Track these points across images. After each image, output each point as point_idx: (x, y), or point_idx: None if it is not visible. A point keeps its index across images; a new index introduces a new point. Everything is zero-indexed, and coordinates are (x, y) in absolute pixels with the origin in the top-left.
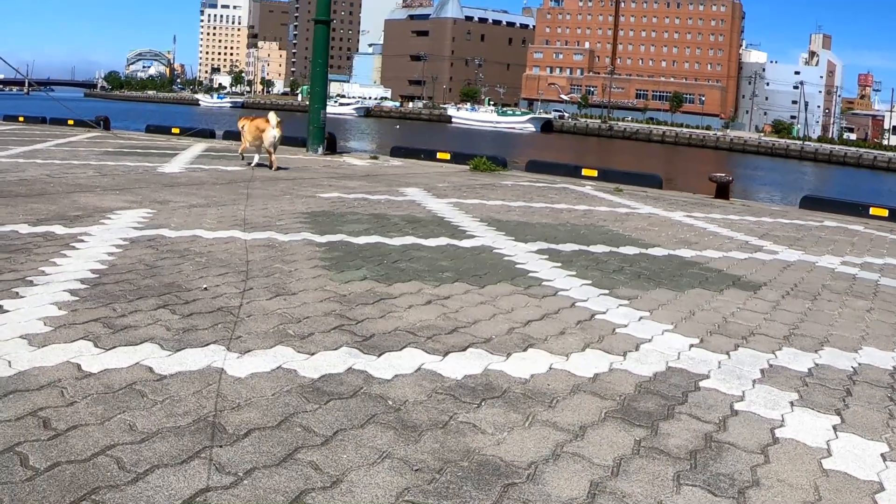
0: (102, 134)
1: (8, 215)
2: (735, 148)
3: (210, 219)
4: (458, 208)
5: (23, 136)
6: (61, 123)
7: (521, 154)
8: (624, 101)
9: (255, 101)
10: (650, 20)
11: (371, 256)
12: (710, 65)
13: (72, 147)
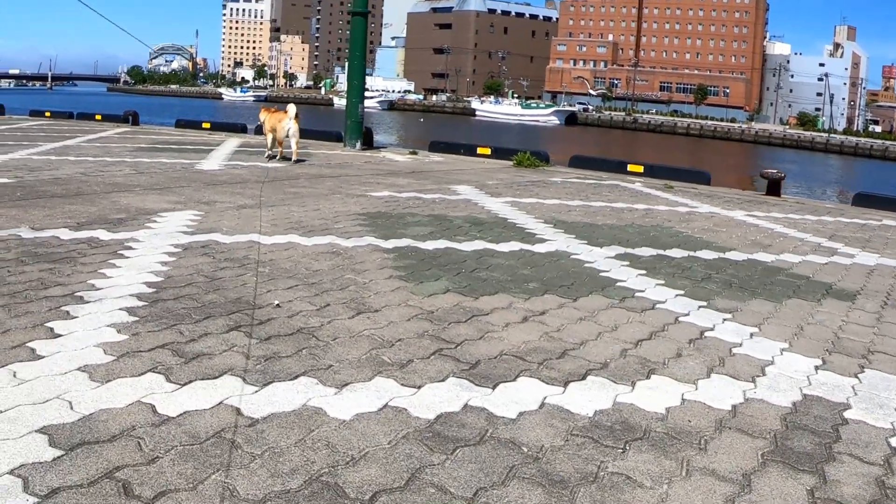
0: (132, 129)
1: (47, 218)
2: (760, 140)
3: (263, 221)
4: (517, 208)
5: (51, 132)
6: (89, 118)
7: (547, 147)
8: (648, 93)
9: (278, 95)
10: (674, 12)
11: (446, 264)
12: (735, 57)
13: (103, 143)
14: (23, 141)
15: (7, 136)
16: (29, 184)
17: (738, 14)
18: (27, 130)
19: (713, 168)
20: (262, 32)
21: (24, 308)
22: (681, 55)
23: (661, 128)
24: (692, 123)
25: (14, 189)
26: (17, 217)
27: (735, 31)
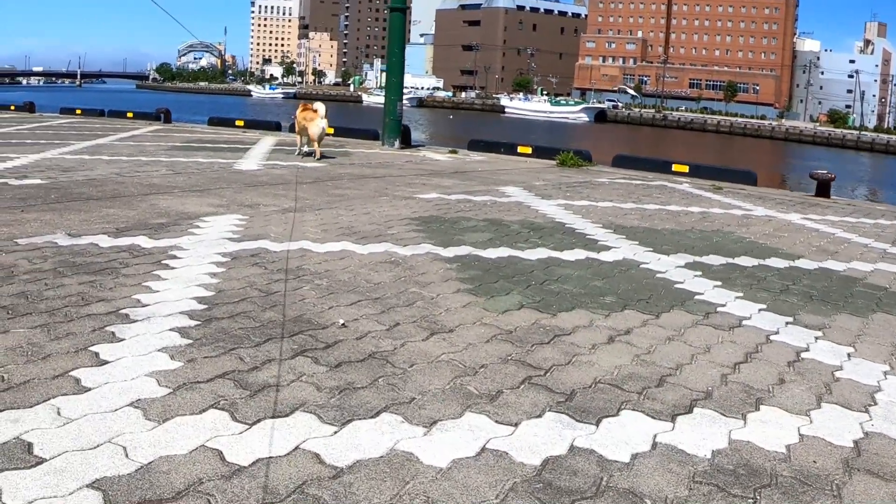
0: (164, 127)
1: (83, 224)
2: (790, 138)
3: (312, 227)
4: (571, 211)
5: (83, 130)
6: (120, 116)
7: (579, 144)
8: (677, 90)
9: (306, 92)
10: (703, 8)
11: (513, 276)
12: (764, 53)
13: (136, 142)
14: (54, 139)
15: (39, 134)
16: (63, 185)
17: (768, 10)
18: (58, 129)
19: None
20: (290, 29)
21: (64, 329)
22: (710, 52)
23: (691, 125)
24: (722, 120)
25: (48, 191)
26: (52, 222)
27: (765, 27)
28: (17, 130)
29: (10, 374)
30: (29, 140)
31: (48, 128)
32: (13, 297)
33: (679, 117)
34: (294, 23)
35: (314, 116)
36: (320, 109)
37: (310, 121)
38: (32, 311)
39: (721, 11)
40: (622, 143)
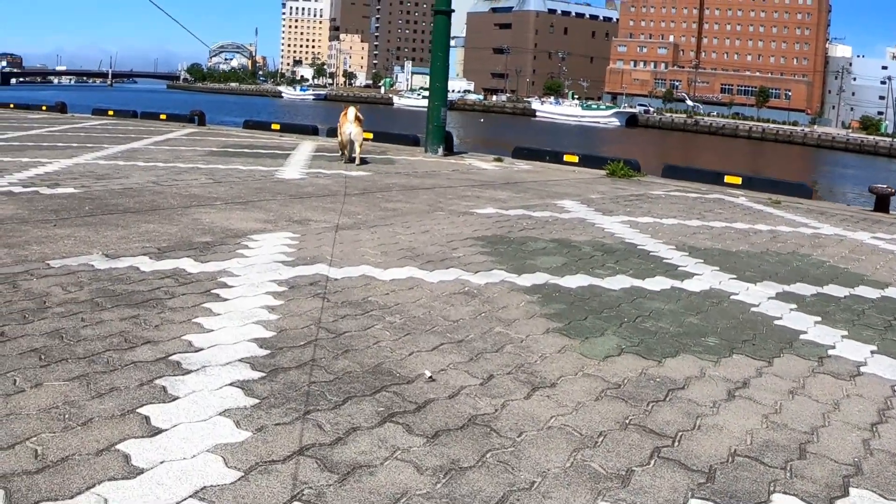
0: (199, 130)
1: (121, 241)
2: (823, 144)
3: (370, 247)
4: (637, 229)
5: (116, 133)
6: (153, 118)
7: (612, 149)
8: (709, 95)
9: (337, 94)
10: (735, 13)
11: (601, 310)
12: (796, 59)
13: (172, 146)
14: (87, 143)
15: (70, 136)
16: (97, 195)
17: (801, 16)
18: (90, 131)
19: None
20: (321, 31)
21: (107, 381)
22: (742, 57)
23: (723, 130)
24: (754, 126)
25: (82, 202)
26: (87, 239)
27: (797, 32)
28: (48, 132)
29: (46, 447)
30: (61, 143)
31: (80, 129)
32: (47, 337)
33: (711, 122)
34: (325, 24)
35: (343, 121)
36: (349, 114)
37: (341, 126)
38: (69, 357)
39: (753, 16)
40: (656, 148)
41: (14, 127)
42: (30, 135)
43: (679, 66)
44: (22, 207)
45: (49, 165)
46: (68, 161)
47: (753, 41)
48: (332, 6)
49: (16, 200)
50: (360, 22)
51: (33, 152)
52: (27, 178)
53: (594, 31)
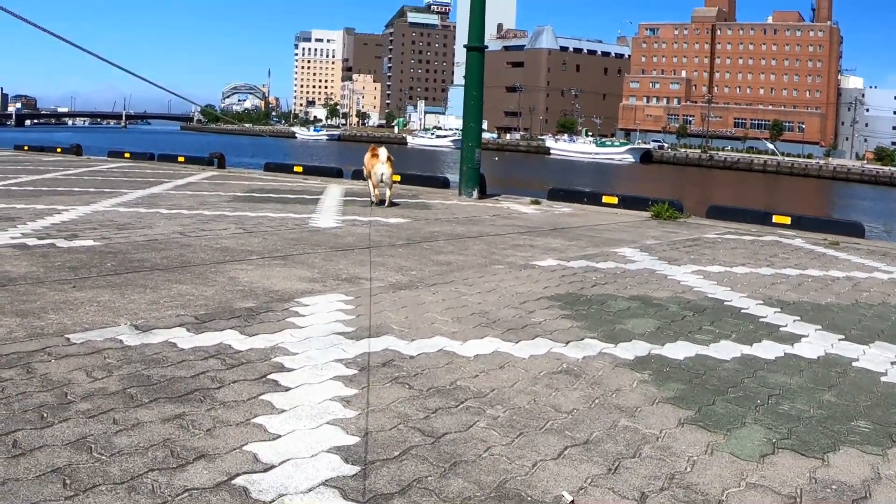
0: (219, 173)
1: (152, 308)
2: (838, 177)
3: (438, 312)
4: (715, 281)
5: (134, 177)
6: (171, 160)
7: (630, 186)
8: (722, 129)
9: (351, 134)
10: (747, 47)
11: (724, 389)
12: (809, 91)
13: (194, 191)
14: (104, 188)
15: (87, 180)
16: (120, 249)
17: (813, 48)
18: (108, 174)
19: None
20: (333, 71)
21: None
22: (755, 90)
23: (738, 165)
24: (768, 160)
25: (103, 257)
26: (112, 305)
27: (809, 65)
28: (64, 176)
29: None
30: (77, 188)
31: (97, 173)
32: (71, 450)
33: (725, 157)
34: (337, 65)
35: (374, 162)
36: (381, 154)
37: (371, 167)
38: (101, 481)
39: (765, 50)
40: (669, 183)
41: (29, 170)
42: (45, 179)
43: (692, 101)
44: (37, 264)
45: (66, 213)
46: (86, 208)
47: (766, 74)
48: (344, 47)
49: (30, 255)
50: (373, 62)
51: (49, 198)
52: (42, 228)
53: (606, 67)
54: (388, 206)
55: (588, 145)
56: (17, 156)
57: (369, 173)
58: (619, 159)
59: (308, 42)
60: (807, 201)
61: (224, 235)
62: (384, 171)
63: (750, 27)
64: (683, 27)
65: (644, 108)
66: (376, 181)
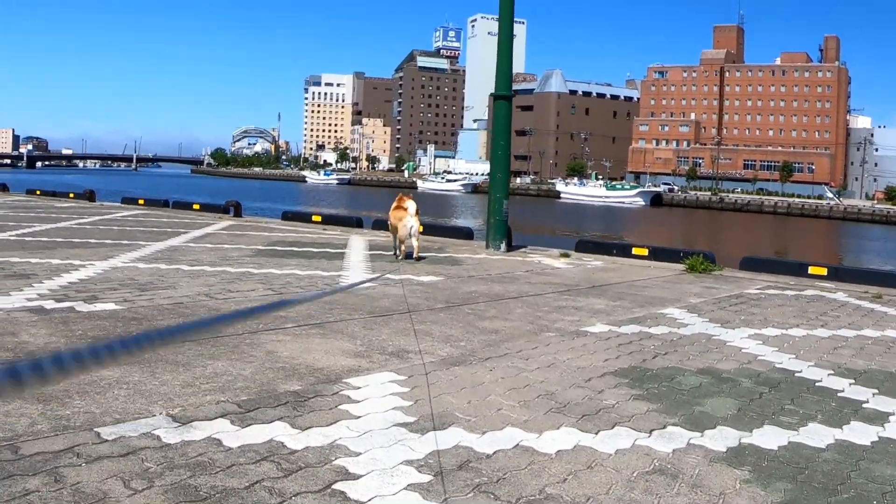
0: (237, 222)
1: (187, 391)
2: (849, 217)
3: (500, 394)
4: (774, 346)
5: (150, 226)
6: (186, 207)
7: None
8: (732, 171)
9: (361, 178)
10: (755, 89)
11: (833, 487)
12: (818, 132)
13: (214, 243)
14: (121, 239)
15: (103, 230)
16: (144, 314)
17: (821, 88)
18: (123, 223)
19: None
20: (343, 115)
21: None
22: (764, 132)
23: (748, 207)
24: (779, 201)
25: (127, 324)
26: (143, 387)
27: (818, 105)
28: (78, 225)
29: None
30: (93, 239)
31: (112, 222)
32: None
33: (736, 199)
34: (347, 109)
35: (404, 215)
36: (410, 207)
37: (399, 220)
38: None
39: (773, 91)
40: (680, 227)
41: (42, 218)
42: (59, 228)
43: (701, 144)
44: (57, 333)
45: (83, 270)
46: (104, 264)
47: (775, 116)
48: (354, 91)
49: (49, 322)
50: (383, 106)
51: (64, 251)
52: (60, 287)
53: (615, 110)
54: (416, 259)
55: (598, 189)
56: (29, 201)
57: (395, 226)
58: (630, 202)
59: (318, 86)
60: (821, 244)
61: (253, 298)
62: (413, 224)
63: (758, 69)
64: (692, 69)
65: (653, 150)
66: (404, 235)
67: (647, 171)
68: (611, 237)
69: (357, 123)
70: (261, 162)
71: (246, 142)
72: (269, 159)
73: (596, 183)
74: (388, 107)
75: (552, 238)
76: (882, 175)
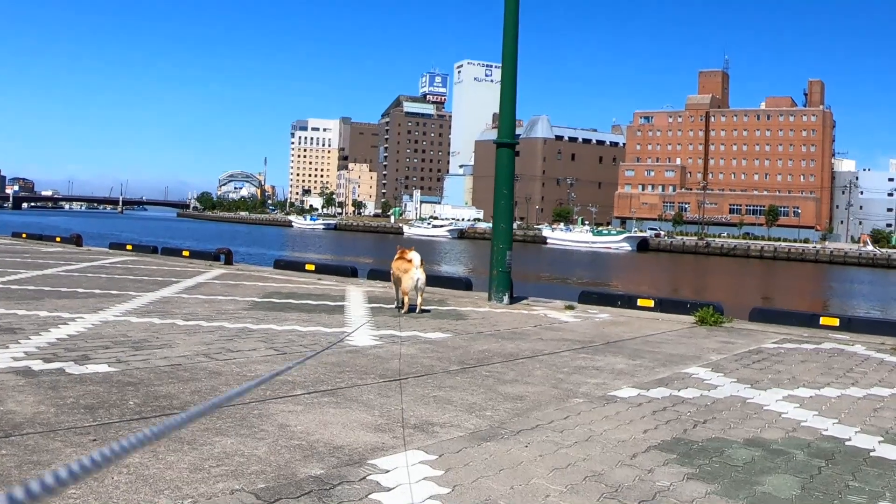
0: (229, 271)
1: (196, 478)
2: (835, 260)
3: (543, 477)
4: (814, 410)
5: (140, 274)
6: (175, 254)
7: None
8: (718, 216)
9: (347, 223)
10: (741, 133)
11: None
12: (804, 176)
13: (207, 295)
14: (111, 288)
15: (91, 279)
16: (140, 378)
17: (806, 132)
18: (112, 271)
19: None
20: (329, 160)
21: None
22: (749, 176)
23: (735, 251)
24: (766, 246)
25: (122, 390)
26: (146, 472)
27: (803, 149)
28: (66, 272)
29: None
30: (81, 288)
31: (100, 269)
32: None
33: (722, 244)
34: (334, 154)
35: (409, 267)
36: (415, 259)
37: (404, 272)
38: None
39: (758, 136)
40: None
41: (28, 264)
42: (45, 276)
43: (687, 188)
44: (45, 400)
45: (72, 324)
46: (94, 317)
47: (760, 160)
48: (340, 136)
49: (36, 387)
50: (369, 151)
51: (52, 302)
52: (48, 344)
53: (601, 156)
54: (419, 312)
55: (585, 234)
56: (15, 244)
57: (399, 278)
58: (617, 248)
59: (304, 131)
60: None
61: (255, 359)
62: (420, 277)
63: (743, 113)
64: (678, 114)
65: (639, 195)
66: (409, 287)
67: (634, 217)
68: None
69: (343, 168)
70: (247, 206)
71: (232, 186)
72: (255, 203)
73: (582, 228)
74: (374, 152)
75: (549, 286)
76: (867, 218)
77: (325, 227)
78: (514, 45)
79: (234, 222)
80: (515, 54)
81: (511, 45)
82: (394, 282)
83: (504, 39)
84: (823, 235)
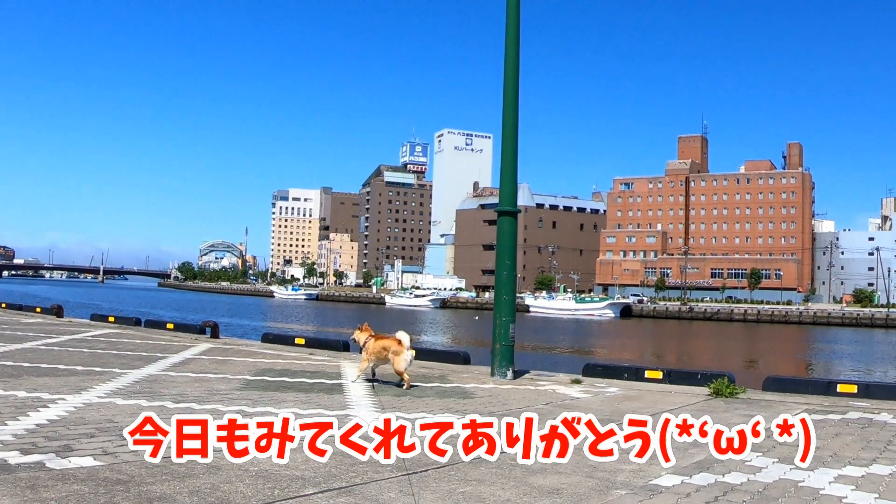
0: (216, 345)
1: None
2: (819, 321)
3: None
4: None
5: (123, 349)
6: (159, 327)
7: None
8: (700, 280)
9: (328, 294)
10: (721, 197)
11: None
12: (784, 238)
13: (196, 372)
14: (93, 365)
15: (73, 353)
16: (130, 473)
17: (786, 195)
18: (94, 345)
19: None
20: (310, 230)
21: None
22: (730, 240)
23: (717, 315)
24: (749, 309)
25: (111, 490)
26: None
27: (783, 211)
28: (46, 346)
29: None
30: (62, 365)
31: (82, 343)
32: None
33: (705, 308)
34: (315, 224)
35: (400, 349)
36: (404, 340)
37: (396, 354)
38: None
39: (738, 199)
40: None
41: (6, 336)
42: (24, 350)
43: (668, 254)
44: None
45: (53, 406)
46: (77, 399)
47: (741, 223)
48: (321, 206)
49: (13, 486)
50: (350, 221)
51: (31, 381)
52: (26, 431)
53: (582, 223)
54: (407, 388)
55: (567, 302)
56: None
57: (383, 357)
58: (600, 314)
59: (285, 201)
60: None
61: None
62: (410, 357)
63: (723, 177)
64: (658, 180)
65: (621, 262)
66: (402, 368)
67: (616, 283)
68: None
69: (324, 238)
70: (228, 276)
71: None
72: (236, 273)
73: (565, 296)
74: (355, 221)
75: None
76: (849, 278)
77: (307, 297)
78: (514, 112)
79: (216, 292)
80: (516, 121)
81: (511, 112)
82: (376, 356)
83: (504, 105)
84: (806, 297)
